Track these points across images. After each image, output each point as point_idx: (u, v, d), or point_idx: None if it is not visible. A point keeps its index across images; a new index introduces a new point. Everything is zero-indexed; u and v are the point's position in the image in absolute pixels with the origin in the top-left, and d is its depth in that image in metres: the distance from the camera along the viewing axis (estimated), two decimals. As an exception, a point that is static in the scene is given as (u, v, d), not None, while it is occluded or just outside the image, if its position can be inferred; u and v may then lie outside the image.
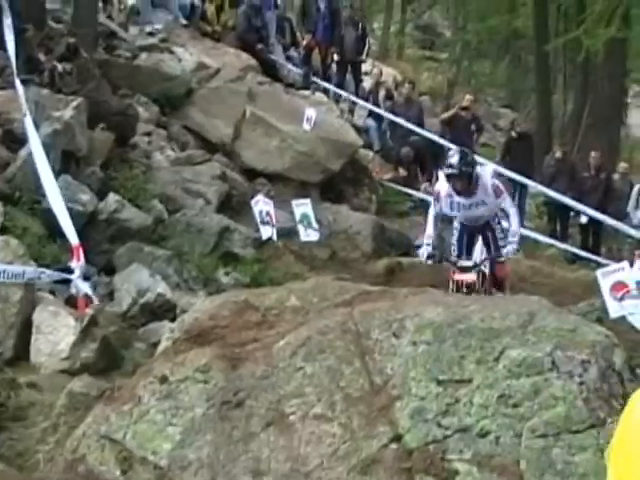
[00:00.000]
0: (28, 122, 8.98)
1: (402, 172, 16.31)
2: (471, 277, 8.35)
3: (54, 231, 8.74)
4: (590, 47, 17.50)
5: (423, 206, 12.68)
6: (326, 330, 5.22)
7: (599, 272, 8.62)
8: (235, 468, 4.85)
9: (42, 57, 11.49)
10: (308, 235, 10.71)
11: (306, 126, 13.63)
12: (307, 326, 5.36)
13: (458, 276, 8.37)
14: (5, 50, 8.84)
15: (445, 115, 18.04)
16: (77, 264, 7.46)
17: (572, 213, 16.60)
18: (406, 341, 4.97)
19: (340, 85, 17.68)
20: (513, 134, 18.25)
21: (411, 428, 4.67)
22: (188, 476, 4.90)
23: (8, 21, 9.59)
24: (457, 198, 8.59)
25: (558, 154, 17.40)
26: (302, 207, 10.66)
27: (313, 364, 5.02)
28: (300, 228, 10.63)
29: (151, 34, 15.81)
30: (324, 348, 5.09)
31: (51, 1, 13.70)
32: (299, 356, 5.11)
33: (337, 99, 17.57)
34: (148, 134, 12.59)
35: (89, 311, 7.04)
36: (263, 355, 5.26)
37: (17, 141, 9.58)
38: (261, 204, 10.67)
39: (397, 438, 4.67)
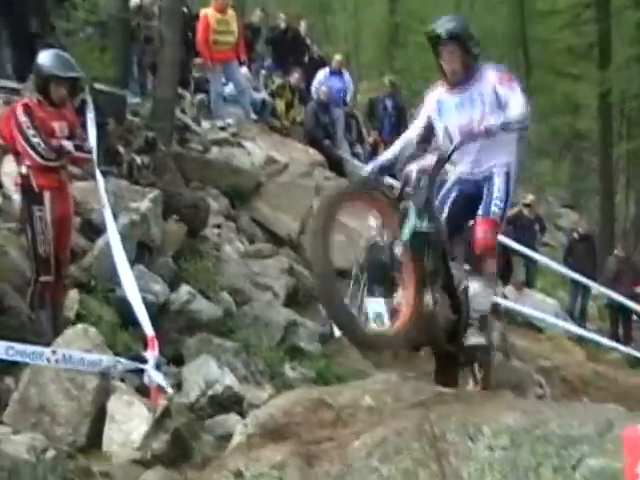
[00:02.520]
0: (107, 213, 9.14)
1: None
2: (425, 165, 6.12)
3: (126, 320, 8.86)
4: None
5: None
6: (402, 431, 5.21)
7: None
8: None
9: (121, 149, 11.77)
10: (381, 333, 10.71)
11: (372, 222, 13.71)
12: (383, 427, 5.35)
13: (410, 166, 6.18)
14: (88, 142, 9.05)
15: (508, 213, 18.07)
16: (152, 354, 7.54)
17: (635, 316, 16.50)
18: (483, 445, 4.94)
19: (405, 181, 17.84)
20: (575, 235, 18.27)
21: (487, 533, 4.63)
22: None
23: (91, 115, 9.84)
24: (447, 97, 6.60)
25: (621, 254, 17.35)
26: (376, 305, 10.69)
27: (389, 466, 5.00)
28: (373, 326, 10.63)
29: (222, 128, 16.14)
30: (400, 450, 5.07)
31: (131, 95, 14.09)
32: (375, 457, 5.09)
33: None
34: (218, 226, 12.77)
35: (162, 402, 7.09)
36: (338, 454, 5.25)
37: (95, 231, 9.79)
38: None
39: (473, 543, 4.63)
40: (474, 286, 6.44)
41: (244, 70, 17.57)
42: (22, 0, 11.85)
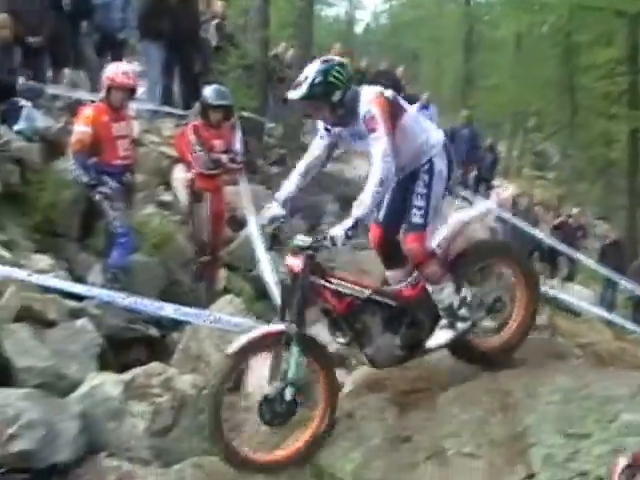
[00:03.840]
0: (248, 211, 9.28)
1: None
2: (296, 263, 4.81)
3: (260, 293, 8.97)
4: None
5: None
6: (476, 387, 5.21)
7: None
8: (400, 490, 4.83)
9: (260, 162, 11.91)
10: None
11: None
12: (460, 384, 5.36)
13: (288, 260, 4.91)
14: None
15: (556, 222, 17.92)
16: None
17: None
18: (541, 401, 4.91)
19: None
20: (607, 241, 18.00)
21: (542, 470, 4.57)
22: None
23: (238, 135, 10.01)
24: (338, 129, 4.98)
25: (643, 257, 17.04)
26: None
27: (467, 413, 5.00)
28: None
29: (333, 149, 16.17)
30: (475, 402, 5.06)
31: (267, 121, 14.24)
32: (455, 406, 5.10)
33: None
34: (331, 223, 12.80)
35: (288, 356, 7.13)
36: (426, 403, 5.28)
37: (239, 224, 9.92)
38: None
39: (531, 476, 4.57)
40: (428, 289, 5.22)
41: (353, 105, 17.59)
42: (190, 45, 12.07)
